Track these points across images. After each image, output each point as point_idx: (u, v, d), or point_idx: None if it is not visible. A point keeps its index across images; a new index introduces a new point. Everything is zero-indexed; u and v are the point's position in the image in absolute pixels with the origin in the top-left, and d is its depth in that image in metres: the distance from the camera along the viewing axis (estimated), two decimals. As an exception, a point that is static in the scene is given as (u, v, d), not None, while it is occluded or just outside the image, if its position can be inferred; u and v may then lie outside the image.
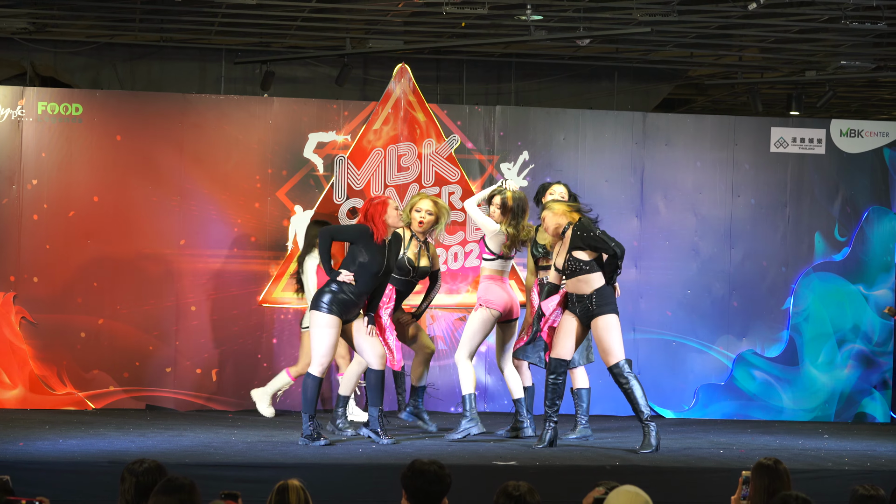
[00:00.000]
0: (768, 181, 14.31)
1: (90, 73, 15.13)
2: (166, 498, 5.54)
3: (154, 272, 13.31)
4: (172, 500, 5.54)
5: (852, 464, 10.10)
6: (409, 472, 5.91)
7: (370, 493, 9.02)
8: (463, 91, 15.65)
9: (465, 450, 10.35)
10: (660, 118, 14.47)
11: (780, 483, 6.42)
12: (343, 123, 13.63)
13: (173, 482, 5.61)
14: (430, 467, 5.89)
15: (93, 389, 13.18)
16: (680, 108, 18.19)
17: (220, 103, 13.68)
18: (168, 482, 5.62)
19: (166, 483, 5.61)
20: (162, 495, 5.55)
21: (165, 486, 5.60)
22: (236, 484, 8.46)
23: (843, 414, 14.18)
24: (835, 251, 14.30)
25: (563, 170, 13.91)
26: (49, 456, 9.41)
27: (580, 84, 16.03)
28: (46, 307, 13.13)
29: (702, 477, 9.57)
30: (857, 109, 18.18)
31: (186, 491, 5.58)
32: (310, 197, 13.44)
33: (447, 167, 13.40)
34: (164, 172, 13.37)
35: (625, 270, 13.76)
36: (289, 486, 5.68)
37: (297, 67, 15.43)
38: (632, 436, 11.80)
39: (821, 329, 14.22)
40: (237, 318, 13.34)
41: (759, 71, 16.06)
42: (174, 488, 5.57)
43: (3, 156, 13.15)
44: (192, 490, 5.60)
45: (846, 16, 12.76)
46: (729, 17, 13.27)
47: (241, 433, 11.20)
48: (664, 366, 14.00)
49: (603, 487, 5.76)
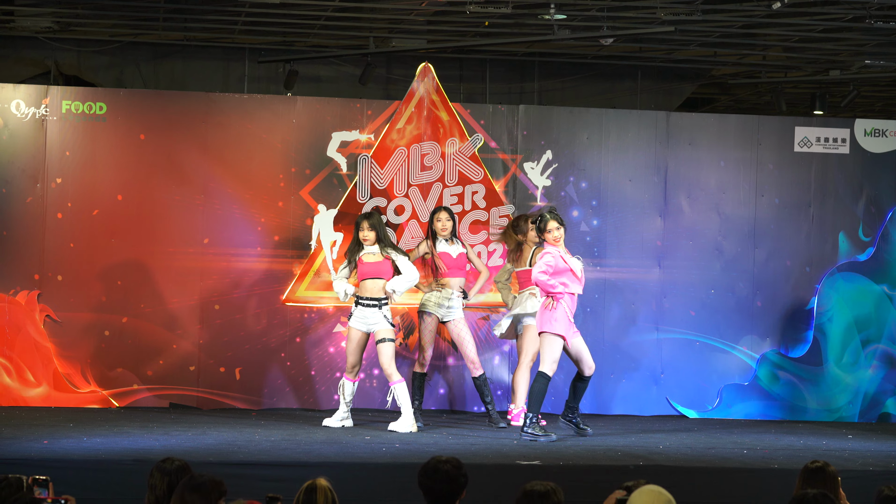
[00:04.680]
0: (792, 181, 14.27)
1: (114, 72, 15.17)
2: (192, 495, 5.55)
3: (178, 271, 13.33)
4: (196, 496, 5.54)
5: (877, 464, 10.07)
6: (423, 470, 5.90)
7: (393, 491, 9.02)
8: (486, 90, 15.64)
9: (489, 449, 10.36)
10: (683, 117, 14.45)
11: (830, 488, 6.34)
12: (366, 122, 13.63)
13: (197, 479, 5.61)
14: (444, 466, 5.86)
15: (117, 387, 13.21)
16: (703, 107, 18.15)
17: (243, 102, 13.69)
18: (192, 479, 5.63)
19: (191, 480, 5.62)
20: (189, 492, 5.56)
21: (190, 483, 5.60)
22: (260, 482, 8.51)
23: (867, 414, 14.13)
24: (859, 251, 14.25)
25: (586, 169, 13.90)
26: (74, 454, 9.42)
27: (603, 83, 16.01)
28: (70, 305, 13.17)
29: (725, 477, 9.55)
30: (882, 109, 18.11)
31: (210, 489, 5.59)
32: (333, 196, 13.45)
33: (470, 166, 13.40)
34: (187, 171, 13.40)
35: (648, 270, 13.89)
36: (317, 487, 5.67)
37: (321, 66, 15.44)
38: (655, 436, 11.80)
39: (845, 329, 14.18)
40: (260, 317, 13.36)
41: (782, 70, 16.02)
42: (198, 485, 5.58)
43: (28, 155, 13.19)
44: (219, 487, 5.61)
45: (870, 15, 12.72)
46: (753, 17, 13.24)
47: (264, 432, 11.22)
48: (688, 366, 13.97)
49: (625, 489, 5.75)
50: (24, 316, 13.08)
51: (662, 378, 13.95)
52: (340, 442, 10.56)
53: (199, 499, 5.56)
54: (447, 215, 12.36)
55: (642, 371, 13.91)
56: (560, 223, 11.35)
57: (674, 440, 11.47)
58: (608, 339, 13.85)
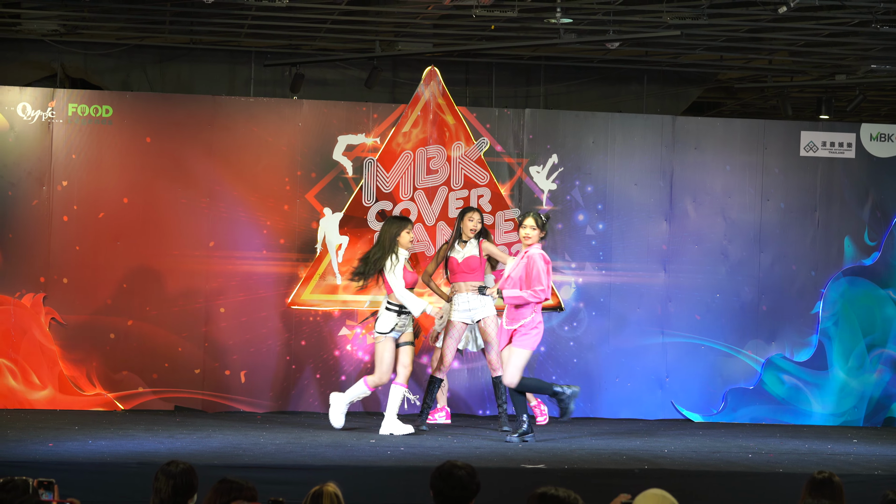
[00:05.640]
0: (798, 185, 14.26)
1: (120, 75, 15.18)
2: (216, 496, 5.61)
3: (183, 274, 13.34)
4: (224, 500, 5.61)
5: (882, 468, 10.06)
6: (437, 473, 5.89)
7: (399, 494, 9.01)
8: (492, 94, 15.65)
9: (494, 452, 10.36)
10: (689, 122, 14.45)
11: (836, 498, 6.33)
12: (372, 126, 13.64)
13: (231, 483, 5.71)
14: (458, 472, 5.85)
15: (122, 390, 13.22)
16: (709, 111, 18.14)
17: (249, 105, 13.70)
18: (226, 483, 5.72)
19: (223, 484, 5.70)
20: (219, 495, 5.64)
21: (219, 486, 5.68)
22: (265, 486, 8.50)
23: (872, 418, 14.13)
24: (864, 255, 14.24)
25: (592, 173, 13.91)
26: (78, 457, 9.43)
27: (609, 87, 16.01)
28: (76, 308, 13.18)
29: (730, 481, 9.54)
30: (888, 113, 18.10)
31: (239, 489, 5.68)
32: (339, 199, 13.45)
33: (476, 170, 13.41)
34: (193, 174, 13.41)
35: (654, 274, 13.88)
36: (323, 492, 5.67)
37: (327, 70, 15.45)
38: (660, 440, 11.79)
39: (850, 333, 14.17)
40: (266, 320, 13.36)
41: (788, 74, 16.01)
42: (230, 489, 5.67)
43: (34, 157, 13.21)
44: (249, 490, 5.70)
45: (877, 19, 12.71)
46: (759, 21, 13.24)
47: (269, 435, 11.22)
48: (693, 369, 13.96)
49: (629, 494, 5.74)
50: (30, 318, 13.09)
51: (667, 382, 13.94)
52: (345, 445, 10.56)
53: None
54: (479, 217, 12.26)
55: (647, 375, 13.91)
56: (530, 222, 11.30)
57: (679, 444, 11.46)
58: (613, 343, 13.85)
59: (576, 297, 13.80)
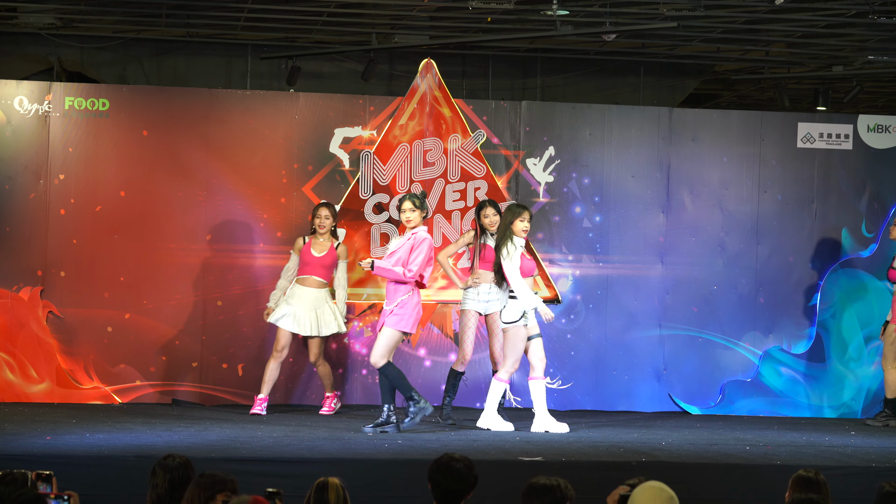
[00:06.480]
0: (795, 177, 14.26)
1: (117, 69, 15.16)
2: (199, 491, 5.60)
3: (180, 267, 13.34)
4: (207, 494, 5.59)
5: (879, 461, 10.06)
6: (435, 465, 5.90)
7: (396, 487, 9.01)
8: (489, 86, 15.64)
9: (491, 445, 10.36)
10: (686, 113, 14.44)
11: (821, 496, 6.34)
12: (369, 119, 13.63)
13: (210, 477, 5.67)
14: (456, 464, 5.86)
15: (119, 384, 13.22)
16: (706, 103, 18.13)
17: (245, 98, 13.69)
18: (206, 477, 5.68)
19: (203, 478, 5.67)
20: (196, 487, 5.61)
21: (200, 480, 5.65)
22: (262, 478, 8.50)
23: (869, 411, 14.12)
24: (862, 247, 14.24)
25: (588, 165, 13.91)
26: (76, 450, 9.43)
27: (606, 79, 16.00)
28: (73, 301, 13.18)
29: (727, 473, 9.54)
30: (885, 105, 18.09)
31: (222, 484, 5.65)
32: (335, 192, 13.45)
33: (473, 162, 13.40)
34: (190, 167, 13.41)
35: (651, 266, 13.89)
36: (328, 484, 5.68)
37: (323, 62, 15.44)
38: (657, 432, 11.80)
39: (848, 326, 14.18)
40: (263, 313, 13.35)
41: (785, 66, 16.00)
42: (212, 483, 5.64)
43: (31, 151, 13.20)
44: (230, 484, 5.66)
45: (874, 10, 12.70)
46: (756, 12, 13.23)
47: (267, 428, 11.22)
48: (690, 362, 13.97)
49: (628, 486, 5.75)
50: (27, 312, 13.09)
51: (665, 374, 13.95)
52: (343, 438, 10.56)
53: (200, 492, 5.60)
54: (493, 210, 12.20)
55: (644, 367, 13.91)
56: (408, 206, 11.37)
57: (676, 436, 11.46)
58: (610, 336, 13.86)
59: (573, 290, 13.81)
